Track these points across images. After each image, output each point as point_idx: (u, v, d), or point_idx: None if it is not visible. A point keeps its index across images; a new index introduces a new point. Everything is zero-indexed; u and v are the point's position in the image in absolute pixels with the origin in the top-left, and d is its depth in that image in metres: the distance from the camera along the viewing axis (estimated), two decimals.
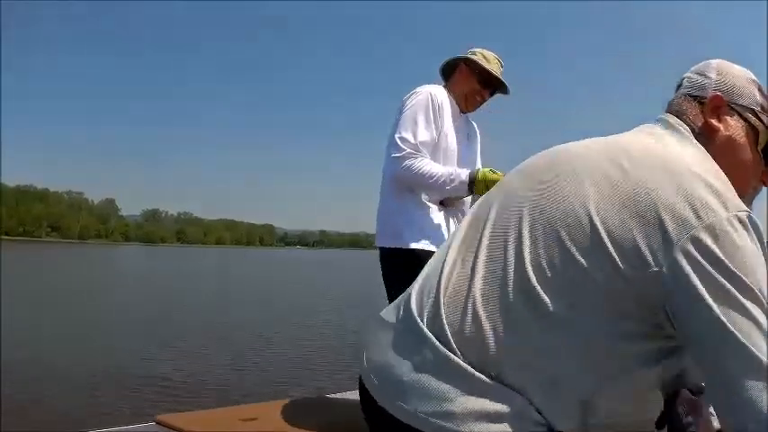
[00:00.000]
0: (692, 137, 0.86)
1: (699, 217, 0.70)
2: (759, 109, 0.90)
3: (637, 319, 0.73)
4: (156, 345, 7.81)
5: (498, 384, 0.74)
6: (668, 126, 0.88)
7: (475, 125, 2.35)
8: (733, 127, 0.88)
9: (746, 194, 0.89)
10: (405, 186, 2.07)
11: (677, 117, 0.90)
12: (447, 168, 2.04)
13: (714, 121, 0.88)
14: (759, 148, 0.89)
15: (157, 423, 2.01)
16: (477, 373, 0.75)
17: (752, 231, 0.71)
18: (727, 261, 0.68)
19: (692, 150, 0.83)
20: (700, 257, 0.68)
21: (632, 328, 0.74)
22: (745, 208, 0.73)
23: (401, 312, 0.88)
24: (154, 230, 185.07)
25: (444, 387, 0.75)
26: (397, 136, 2.02)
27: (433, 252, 1.98)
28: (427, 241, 2.02)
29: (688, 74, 0.96)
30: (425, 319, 0.82)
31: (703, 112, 0.89)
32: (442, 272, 0.85)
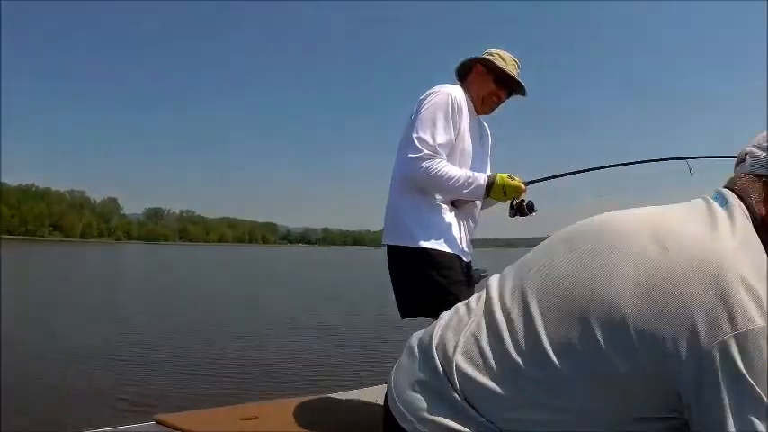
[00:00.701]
0: (750, 224, 0.79)
1: (733, 324, 0.67)
2: None
3: (650, 405, 0.74)
4: (155, 343, 7.81)
5: (483, 419, 0.82)
6: (727, 207, 0.81)
7: (487, 127, 2.32)
8: None
9: None
10: (417, 187, 2.04)
11: (740, 198, 0.83)
12: (464, 171, 2.01)
13: None
14: None
15: (157, 422, 2.01)
16: (467, 406, 0.83)
17: None
18: (747, 375, 0.66)
19: (745, 243, 0.76)
20: (723, 367, 0.67)
21: (644, 413, 0.74)
22: None
23: (425, 339, 0.97)
24: (156, 229, 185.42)
25: (431, 404, 0.86)
26: (414, 136, 1.98)
27: (444, 252, 2.00)
28: (438, 241, 2.00)
29: (750, 147, 0.89)
30: (440, 352, 0.90)
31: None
32: (471, 313, 0.93)
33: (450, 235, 2.04)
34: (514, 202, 2.06)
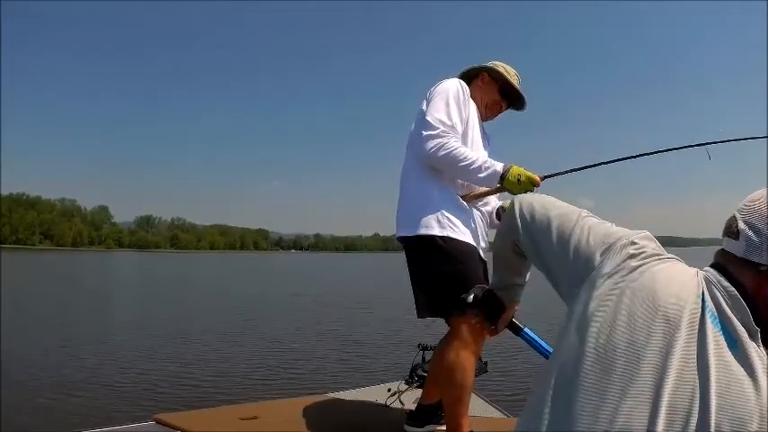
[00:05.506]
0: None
1: None
2: None
3: None
4: (154, 345, 7.80)
5: None
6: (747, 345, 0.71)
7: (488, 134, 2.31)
8: None
9: None
10: (431, 170, 1.98)
11: (735, 286, 0.73)
12: (481, 155, 1.97)
13: None
14: None
15: (157, 422, 2.02)
16: None
17: None
18: None
19: None
20: None
21: None
22: None
23: None
24: (147, 237, 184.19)
25: None
26: (428, 116, 1.96)
27: (460, 240, 1.91)
28: (454, 229, 1.92)
29: (742, 225, 0.76)
30: None
31: (764, 284, 0.72)
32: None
33: (468, 226, 1.97)
34: None
